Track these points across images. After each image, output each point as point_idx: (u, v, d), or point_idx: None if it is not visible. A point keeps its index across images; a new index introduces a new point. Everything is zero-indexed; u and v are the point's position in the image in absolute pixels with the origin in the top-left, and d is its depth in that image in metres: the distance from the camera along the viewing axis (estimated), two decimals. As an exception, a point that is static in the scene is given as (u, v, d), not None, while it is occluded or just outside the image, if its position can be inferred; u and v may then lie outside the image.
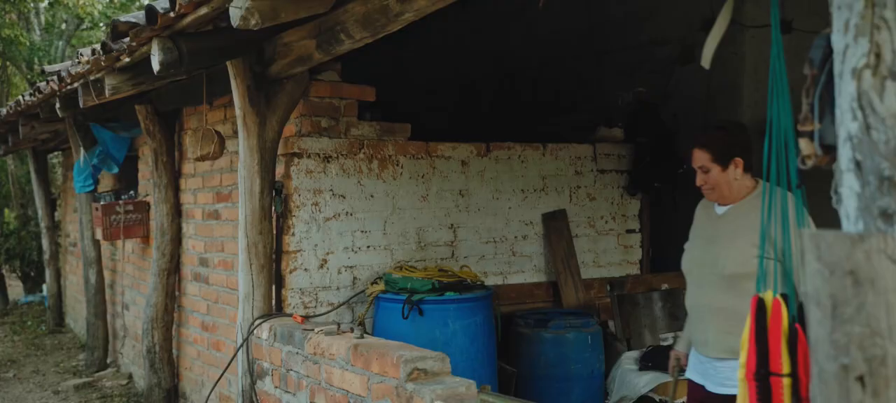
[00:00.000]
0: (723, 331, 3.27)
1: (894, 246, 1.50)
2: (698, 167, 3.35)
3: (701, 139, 3.37)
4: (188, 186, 6.35)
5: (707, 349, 3.35)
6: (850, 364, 1.48)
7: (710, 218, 3.45)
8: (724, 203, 3.40)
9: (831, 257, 1.48)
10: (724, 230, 3.33)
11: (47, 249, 10.96)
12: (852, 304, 1.48)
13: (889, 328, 1.49)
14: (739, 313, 3.20)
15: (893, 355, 1.50)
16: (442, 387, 3.13)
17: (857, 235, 1.47)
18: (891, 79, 1.74)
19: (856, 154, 1.75)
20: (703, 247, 3.40)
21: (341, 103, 4.75)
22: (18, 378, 8.27)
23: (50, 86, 6.28)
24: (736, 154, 3.33)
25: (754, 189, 3.38)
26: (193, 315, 6.26)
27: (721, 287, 3.26)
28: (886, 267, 1.49)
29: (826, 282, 1.49)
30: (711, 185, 3.34)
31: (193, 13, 3.73)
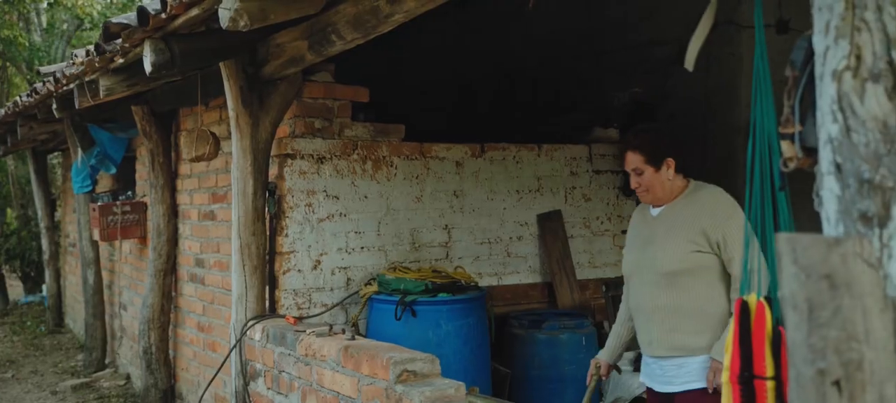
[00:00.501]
0: (666, 329, 3.31)
1: (870, 249, 1.49)
2: (632, 169, 3.38)
3: (633, 141, 3.40)
4: (184, 187, 6.35)
5: (653, 348, 3.38)
6: (826, 369, 1.47)
7: (645, 220, 3.49)
8: (658, 204, 3.43)
9: (807, 260, 1.47)
10: (660, 230, 3.36)
11: (47, 249, 10.97)
12: (828, 308, 1.47)
13: (865, 332, 1.48)
14: (681, 309, 3.29)
15: (870, 359, 1.49)
16: (431, 389, 3.13)
17: (833, 239, 1.46)
18: (871, 81, 1.73)
19: (836, 156, 1.74)
20: (640, 249, 3.44)
21: (335, 104, 4.75)
22: (17, 379, 8.27)
23: (46, 87, 6.28)
24: (668, 154, 3.36)
25: (686, 188, 3.41)
26: (190, 315, 6.25)
27: (661, 285, 3.30)
28: (862, 270, 1.48)
29: (802, 286, 1.48)
30: (646, 187, 3.38)
31: (185, 14, 3.72)
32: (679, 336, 3.29)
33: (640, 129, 3.49)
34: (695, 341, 3.27)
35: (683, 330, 3.28)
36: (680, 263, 3.25)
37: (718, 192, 3.40)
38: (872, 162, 1.70)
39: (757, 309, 2.07)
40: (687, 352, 3.28)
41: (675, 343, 3.30)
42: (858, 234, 1.71)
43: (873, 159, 1.70)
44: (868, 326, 1.48)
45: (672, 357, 3.31)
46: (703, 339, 3.26)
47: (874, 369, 1.49)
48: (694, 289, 3.27)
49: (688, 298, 3.27)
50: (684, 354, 3.29)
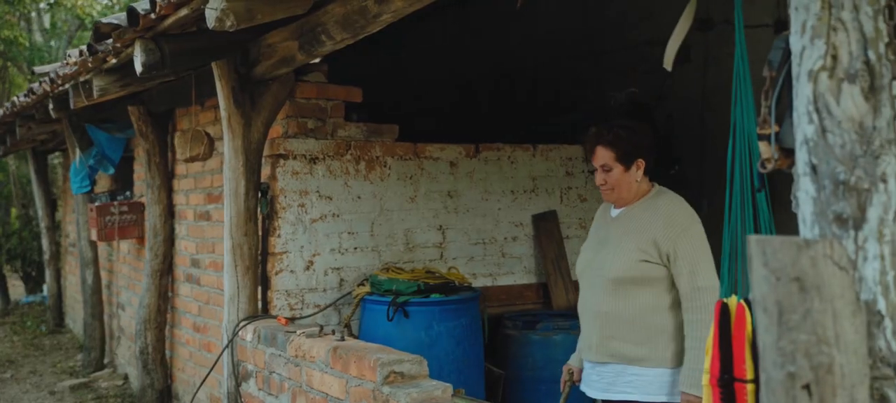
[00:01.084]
0: (606, 336, 3.21)
1: (841, 252, 1.47)
2: (600, 165, 3.27)
3: (607, 136, 3.25)
4: (181, 187, 6.35)
5: (591, 353, 3.29)
6: (796, 373, 1.46)
7: (605, 220, 3.40)
8: (620, 205, 3.33)
9: (777, 263, 1.45)
10: (615, 233, 3.27)
11: (47, 249, 10.98)
12: (798, 311, 1.45)
13: (836, 335, 1.46)
14: (622, 318, 3.18)
15: (841, 363, 1.47)
16: (418, 391, 3.11)
17: (803, 241, 1.45)
18: (848, 81, 1.71)
19: (812, 157, 1.73)
20: (594, 250, 3.34)
21: (328, 104, 4.74)
22: (16, 379, 8.28)
23: (43, 87, 6.28)
24: (639, 155, 3.25)
25: (649, 192, 3.31)
26: (186, 316, 6.25)
27: (606, 290, 3.21)
28: (833, 273, 1.46)
29: (772, 289, 1.46)
30: (611, 185, 3.26)
31: (174, 14, 3.72)
32: (617, 344, 3.18)
33: (615, 125, 3.27)
34: (634, 351, 3.16)
35: (622, 338, 3.18)
36: (626, 271, 3.15)
37: (677, 201, 3.27)
38: (848, 163, 1.69)
39: (737, 312, 2.05)
40: (625, 361, 3.17)
41: (613, 351, 3.19)
42: (833, 236, 1.69)
43: (849, 160, 1.69)
44: (838, 329, 1.47)
45: (609, 363, 3.22)
46: (642, 350, 3.14)
47: (845, 373, 1.47)
48: (638, 299, 3.16)
49: (630, 307, 3.17)
50: (622, 362, 3.19)
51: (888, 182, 1.68)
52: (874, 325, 1.67)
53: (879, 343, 1.67)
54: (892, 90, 1.72)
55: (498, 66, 8.16)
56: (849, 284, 1.48)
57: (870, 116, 1.70)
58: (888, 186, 1.68)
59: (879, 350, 1.67)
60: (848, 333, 1.48)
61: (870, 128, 1.69)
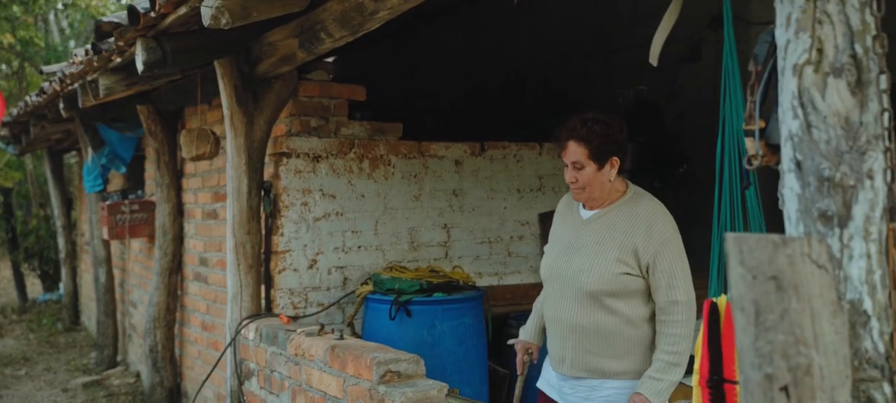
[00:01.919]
0: (582, 350, 3.01)
1: (820, 250, 1.43)
2: (571, 162, 2.99)
3: (580, 131, 2.97)
4: (189, 186, 6.36)
5: (563, 367, 3.07)
6: (773, 374, 1.42)
7: (574, 221, 3.14)
8: (591, 206, 3.09)
9: (753, 261, 1.42)
10: (589, 239, 3.02)
11: (63, 248, 11.06)
12: (775, 311, 1.41)
13: (814, 336, 1.42)
14: (600, 332, 2.98)
15: (820, 364, 1.43)
16: (413, 390, 3.09)
17: (780, 239, 1.41)
18: (833, 75, 1.67)
19: (796, 153, 1.69)
20: (564, 255, 3.09)
21: (331, 102, 4.72)
22: (30, 376, 8.34)
23: (53, 86, 6.31)
24: (614, 152, 2.99)
25: (624, 194, 3.08)
26: (194, 314, 6.26)
27: (582, 303, 2.99)
28: (811, 272, 1.42)
29: (749, 288, 1.42)
30: (583, 185, 3.00)
31: (174, 13, 3.71)
32: (594, 359, 3.01)
33: (589, 119, 2.98)
34: (611, 365, 3.00)
35: (600, 353, 3.00)
36: (605, 284, 2.94)
37: (659, 209, 3.06)
38: (833, 159, 1.64)
39: (726, 312, 2.01)
40: (601, 375, 3.01)
41: (590, 366, 3.01)
42: (818, 234, 1.65)
43: (834, 156, 1.65)
44: (817, 330, 1.42)
45: (584, 378, 3.04)
46: (621, 364, 3.00)
47: (825, 374, 1.43)
48: (617, 311, 2.97)
49: (609, 321, 2.99)
50: (598, 377, 3.01)
51: (875, 178, 1.64)
52: (860, 326, 1.63)
53: (866, 344, 1.63)
54: (880, 84, 1.67)
55: (508, 65, 8.12)
56: (828, 283, 1.44)
57: (856, 111, 1.66)
58: (875, 183, 1.64)
59: (866, 351, 1.63)
60: (827, 334, 1.43)
61: (856, 124, 1.65)
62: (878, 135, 1.65)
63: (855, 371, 1.61)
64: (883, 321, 1.63)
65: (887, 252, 1.65)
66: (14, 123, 9.09)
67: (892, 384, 1.63)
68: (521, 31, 7.98)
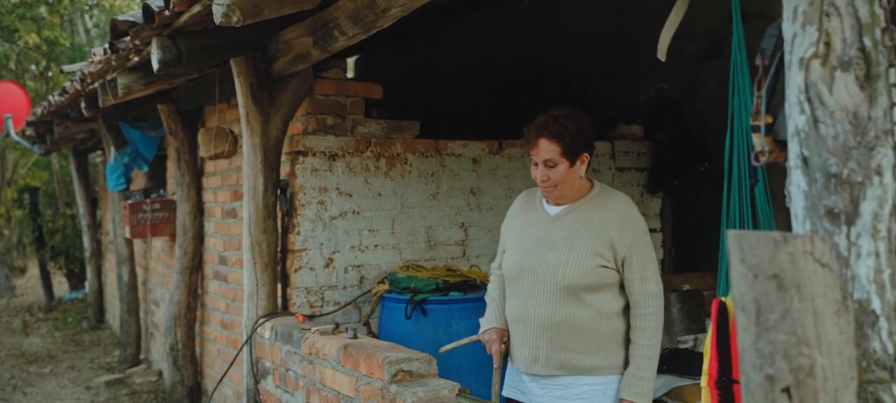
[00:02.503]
0: (557, 347, 2.99)
1: (823, 248, 1.39)
2: (543, 160, 2.97)
3: (551, 128, 2.94)
4: (209, 185, 6.39)
5: (536, 366, 3.02)
6: (775, 375, 1.38)
7: (539, 217, 3.11)
8: (559, 202, 3.08)
9: (754, 260, 1.38)
10: (561, 234, 3.00)
11: (88, 247, 11.16)
12: (777, 310, 1.38)
13: (817, 336, 1.39)
14: (575, 326, 2.97)
15: (823, 365, 1.39)
16: (424, 390, 3.07)
17: (781, 236, 1.37)
18: (841, 69, 1.63)
19: (803, 149, 1.65)
20: (534, 252, 3.05)
21: (347, 101, 4.71)
22: (54, 374, 8.42)
23: (74, 86, 6.36)
24: (585, 149, 3.00)
25: (591, 189, 3.09)
26: (214, 313, 6.29)
27: (558, 298, 2.97)
28: (813, 270, 1.38)
29: (750, 286, 1.39)
30: (555, 182, 2.98)
31: (188, 11, 3.72)
32: (570, 355, 2.99)
33: (560, 116, 2.96)
34: (585, 360, 2.99)
35: (575, 348, 2.99)
36: (583, 277, 2.94)
37: (630, 203, 3.08)
38: (840, 155, 1.60)
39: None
40: (577, 372, 2.99)
41: (565, 362, 2.98)
42: (825, 232, 1.61)
43: (841, 152, 1.60)
44: (820, 330, 1.39)
45: (558, 376, 3.01)
46: (595, 359, 2.99)
47: (828, 376, 1.39)
48: (592, 305, 2.97)
49: (584, 315, 2.97)
50: (574, 374, 2.99)
51: (883, 175, 1.59)
52: (868, 326, 1.59)
53: (874, 344, 1.59)
54: (890, 78, 1.63)
55: (530, 63, 8.08)
56: (832, 282, 1.40)
57: (865, 106, 1.62)
58: (883, 179, 1.59)
59: (874, 352, 1.59)
60: (831, 334, 1.40)
61: (864, 119, 1.61)
62: (888, 131, 1.61)
63: (862, 372, 1.57)
64: (892, 321, 1.59)
65: (897, 250, 1.60)
66: (39, 123, 9.19)
67: (901, 385, 1.58)
68: (543, 29, 7.94)
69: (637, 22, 7.27)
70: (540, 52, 7.94)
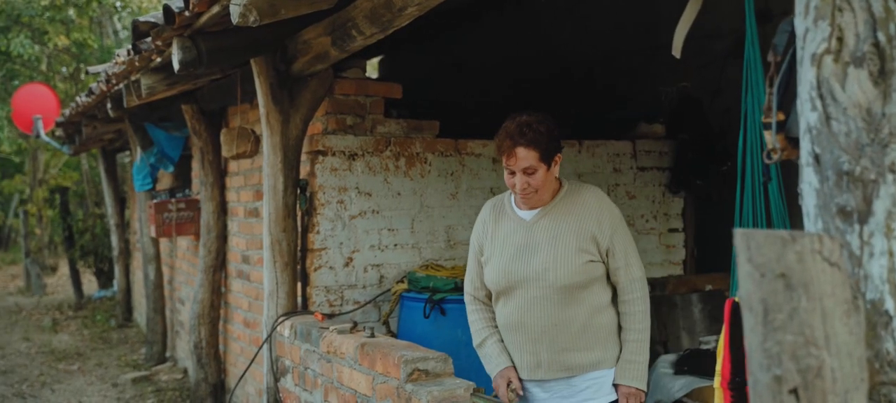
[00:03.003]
0: (557, 349, 2.98)
1: (832, 247, 1.37)
2: (523, 169, 2.91)
3: (527, 135, 2.88)
4: (232, 184, 6.43)
5: (540, 371, 3.01)
6: (782, 376, 1.36)
7: (514, 224, 3.07)
8: (535, 206, 3.05)
9: (761, 258, 1.36)
10: (541, 237, 2.98)
11: (116, 246, 11.28)
12: (784, 310, 1.35)
13: (826, 336, 1.36)
14: (573, 326, 2.97)
15: (832, 366, 1.37)
16: (439, 389, 3.06)
17: (789, 235, 1.35)
18: (854, 65, 1.60)
19: (814, 147, 1.62)
20: (517, 259, 3.00)
21: (367, 100, 4.72)
22: (82, 371, 8.52)
23: (100, 86, 6.43)
24: (558, 150, 2.98)
25: (560, 188, 3.07)
26: (237, 311, 6.33)
27: (554, 301, 2.95)
28: (822, 269, 1.36)
29: (757, 286, 1.37)
30: (535, 187, 2.94)
31: (208, 12, 3.74)
32: (570, 355, 2.99)
33: (532, 121, 2.91)
34: (585, 357, 3.00)
35: (574, 347, 2.98)
36: (574, 276, 2.93)
37: (601, 194, 3.08)
38: (853, 152, 1.57)
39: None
40: (580, 371, 3.00)
41: (567, 363, 2.99)
42: (837, 231, 1.58)
43: (854, 149, 1.57)
44: (829, 330, 1.36)
45: (563, 379, 3.01)
46: (594, 354, 3.00)
47: (837, 377, 1.37)
48: (585, 302, 2.97)
49: (579, 313, 2.97)
50: (577, 373, 3.00)
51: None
52: (881, 327, 1.56)
53: (887, 345, 1.56)
54: (904, 74, 1.60)
55: (555, 62, 8.05)
56: (841, 281, 1.38)
57: (878, 102, 1.58)
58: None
59: (887, 353, 1.56)
60: (840, 334, 1.37)
61: (878, 115, 1.58)
62: (902, 127, 1.58)
63: (875, 373, 1.54)
64: (906, 322, 1.55)
65: (912, 249, 1.57)
66: (67, 123, 9.31)
67: (915, 388, 1.55)
68: (567, 27, 7.91)
69: (662, 19, 7.21)
70: (564, 50, 7.91)
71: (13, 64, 12.99)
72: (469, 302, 3.24)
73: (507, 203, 3.15)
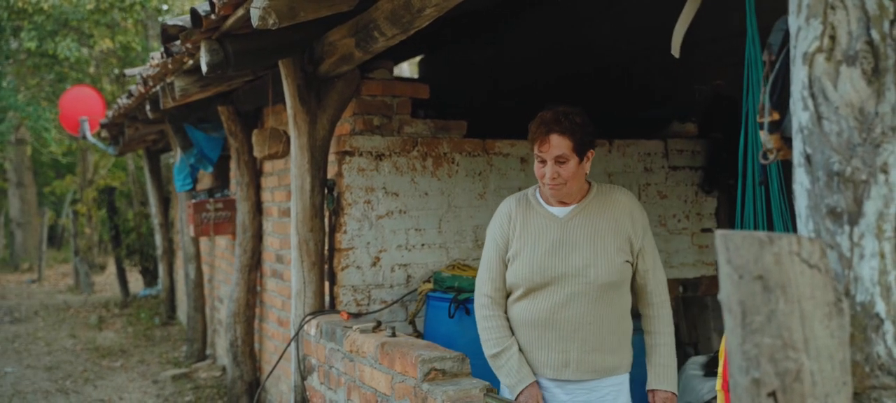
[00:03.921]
0: (588, 349, 2.94)
1: (810, 248, 1.35)
2: (555, 157, 2.87)
3: (563, 124, 2.85)
4: (267, 184, 6.51)
5: (567, 371, 2.95)
6: (761, 379, 1.34)
7: (547, 221, 3.01)
8: (564, 202, 3.00)
9: (739, 260, 1.35)
10: (578, 234, 2.95)
11: (160, 245, 11.48)
12: (762, 312, 1.34)
13: (805, 339, 1.34)
14: (606, 325, 2.94)
15: (811, 369, 1.35)
16: (455, 389, 3.08)
17: (766, 237, 1.33)
18: (846, 64, 1.58)
19: (806, 147, 1.60)
20: (554, 255, 2.95)
21: (394, 101, 4.74)
22: (124, 368, 8.69)
23: (138, 89, 6.56)
24: (591, 145, 2.95)
25: (591, 187, 3.05)
26: (272, 310, 6.41)
27: (590, 298, 2.91)
28: (800, 271, 1.34)
29: (735, 287, 1.36)
30: (565, 179, 2.89)
31: (233, 14, 3.80)
32: (600, 356, 2.96)
33: (566, 112, 2.89)
34: (610, 360, 2.99)
35: (603, 348, 2.96)
36: (615, 274, 2.93)
37: (632, 195, 3.08)
38: (844, 152, 1.55)
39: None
40: (603, 374, 2.98)
41: (595, 364, 2.96)
42: (827, 232, 1.56)
43: (845, 149, 1.55)
44: (808, 333, 1.34)
45: (586, 380, 2.97)
46: (616, 358, 3.00)
47: (817, 380, 1.35)
48: (616, 303, 2.97)
49: (612, 314, 2.96)
50: (600, 376, 2.98)
51: (890, 173, 1.53)
52: (872, 330, 1.53)
53: (878, 349, 1.53)
54: (898, 72, 1.57)
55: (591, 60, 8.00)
56: (822, 283, 1.36)
57: (872, 101, 1.56)
58: (890, 178, 1.53)
59: (878, 356, 1.53)
60: (821, 337, 1.35)
61: (871, 114, 1.55)
62: (895, 127, 1.55)
63: (866, 377, 1.51)
64: (900, 325, 1.53)
65: (905, 251, 1.54)
66: (111, 124, 9.50)
67: (908, 392, 1.52)
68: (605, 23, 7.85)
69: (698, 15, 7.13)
70: (601, 47, 7.85)
71: (61, 66, 13.30)
72: (485, 306, 3.11)
73: (533, 198, 3.09)
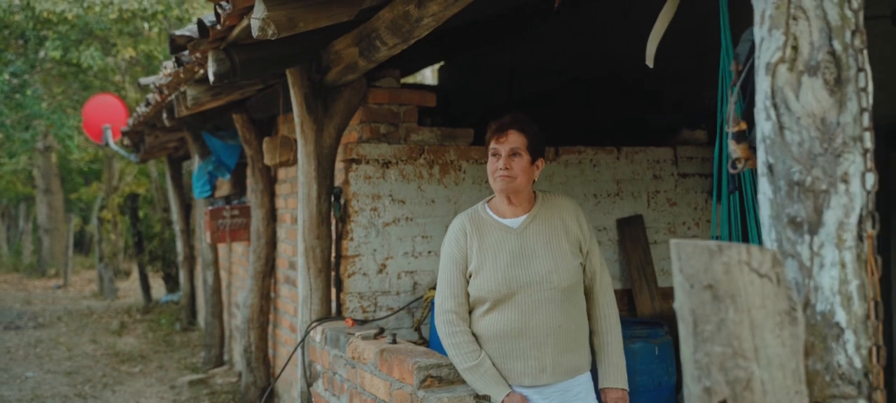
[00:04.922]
0: (560, 351, 3.05)
1: (761, 258, 1.36)
2: (510, 150, 3.02)
3: (521, 123, 3.06)
4: (281, 191, 6.57)
5: (544, 376, 3.04)
6: (711, 387, 1.36)
7: (502, 233, 3.11)
8: (514, 213, 3.12)
9: (690, 269, 1.36)
10: (535, 242, 3.08)
11: (181, 251, 11.61)
12: (712, 321, 1.35)
13: (755, 348, 1.36)
14: (574, 327, 3.10)
15: (761, 378, 1.36)
16: (450, 395, 3.10)
17: (716, 246, 1.35)
18: (808, 74, 1.59)
19: (769, 157, 1.61)
20: (516, 265, 3.05)
21: (400, 109, 4.78)
22: (143, 373, 8.80)
23: (155, 97, 6.65)
24: (542, 154, 3.13)
25: (537, 196, 3.19)
26: (285, 316, 6.46)
27: (556, 302, 3.04)
28: (749, 280, 1.36)
29: (687, 296, 1.37)
30: (516, 173, 3.02)
31: (239, 25, 3.86)
32: (571, 357, 3.09)
33: (525, 117, 3.11)
34: (578, 360, 3.14)
35: (573, 349, 3.10)
36: (574, 276, 3.09)
37: (574, 201, 3.25)
38: (805, 162, 1.56)
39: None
40: (575, 374, 3.12)
41: (568, 365, 3.08)
42: (788, 241, 1.57)
43: (806, 159, 1.56)
44: (758, 342, 1.36)
45: (560, 383, 3.08)
46: (582, 357, 3.15)
47: (767, 389, 1.36)
48: (577, 304, 3.14)
49: (575, 314, 3.12)
50: (572, 376, 3.11)
51: (850, 182, 1.54)
52: (832, 339, 1.54)
53: (838, 358, 1.54)
54: (860, 82, 1.58)
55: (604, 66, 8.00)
56: (772, 293, 1.37)
57: (834, 111, 1.57)
58: (850, 187, 1.54)
59: (838, 365, 1.54)
60: (771, 346, 1.36)
61: (833, 124, 1.56)
62: (857, 137, 1.56)
63: (825, 387, 1.52)
64: (860, 334, 1.53)
65: (867, 261, 1.55)
66: (132, 132, 9.63)
67: (869, 400, 1.53)
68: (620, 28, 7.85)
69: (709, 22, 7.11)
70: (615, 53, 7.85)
71: (85, 75, 13.50)
72: (451, 323, 3.11)
73: (483, 213, 3.21)
